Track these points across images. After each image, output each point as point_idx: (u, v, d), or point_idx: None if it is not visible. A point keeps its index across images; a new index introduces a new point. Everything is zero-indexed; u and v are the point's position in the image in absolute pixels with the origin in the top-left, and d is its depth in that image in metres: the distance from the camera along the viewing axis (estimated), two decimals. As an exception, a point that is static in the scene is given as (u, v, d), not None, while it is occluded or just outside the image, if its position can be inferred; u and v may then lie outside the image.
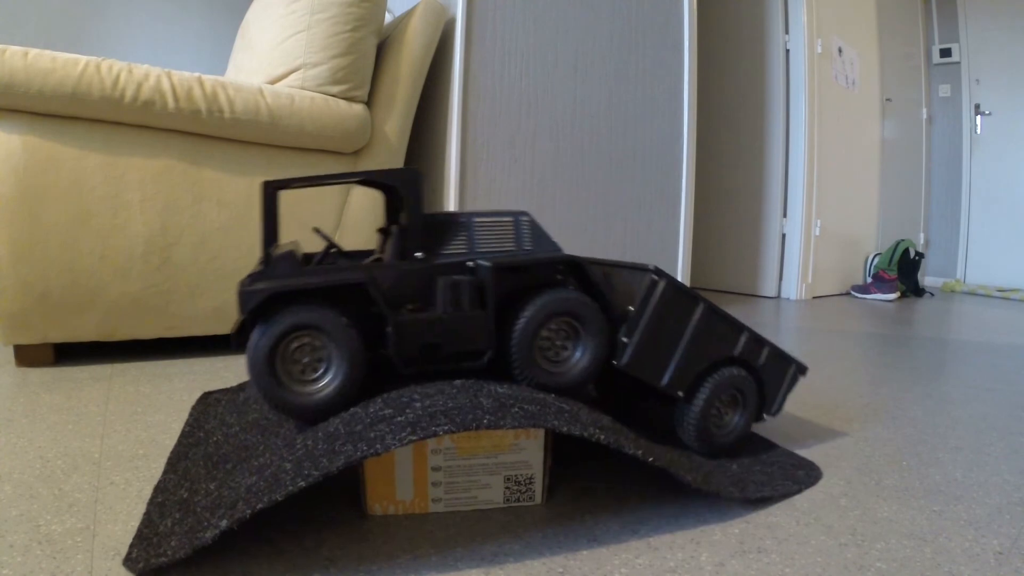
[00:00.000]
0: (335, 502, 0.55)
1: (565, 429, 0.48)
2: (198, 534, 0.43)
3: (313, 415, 0.51)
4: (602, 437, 0.49)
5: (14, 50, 0.93)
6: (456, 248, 0.55)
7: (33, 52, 0.94)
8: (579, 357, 0.56)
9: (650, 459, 0.51)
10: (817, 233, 2.47)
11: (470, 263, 0.55)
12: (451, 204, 1.38)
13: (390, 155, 1.28)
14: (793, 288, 2.42)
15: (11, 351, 1.13)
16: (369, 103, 1.28)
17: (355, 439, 0.46)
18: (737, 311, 2.01)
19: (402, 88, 1.28)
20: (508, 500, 0.55)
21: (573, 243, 1.59)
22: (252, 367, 0.49)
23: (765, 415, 0.67)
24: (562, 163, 1.56)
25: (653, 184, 1.78)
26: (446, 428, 0.46)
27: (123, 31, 1.99)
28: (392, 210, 0.63)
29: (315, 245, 1.20)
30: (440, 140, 1.43)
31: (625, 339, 0.57)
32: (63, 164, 0.97)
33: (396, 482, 0.52)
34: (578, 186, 1.60)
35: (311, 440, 0.49)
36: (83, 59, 0.96)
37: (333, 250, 0.61)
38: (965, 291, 3.00)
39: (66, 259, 0.98)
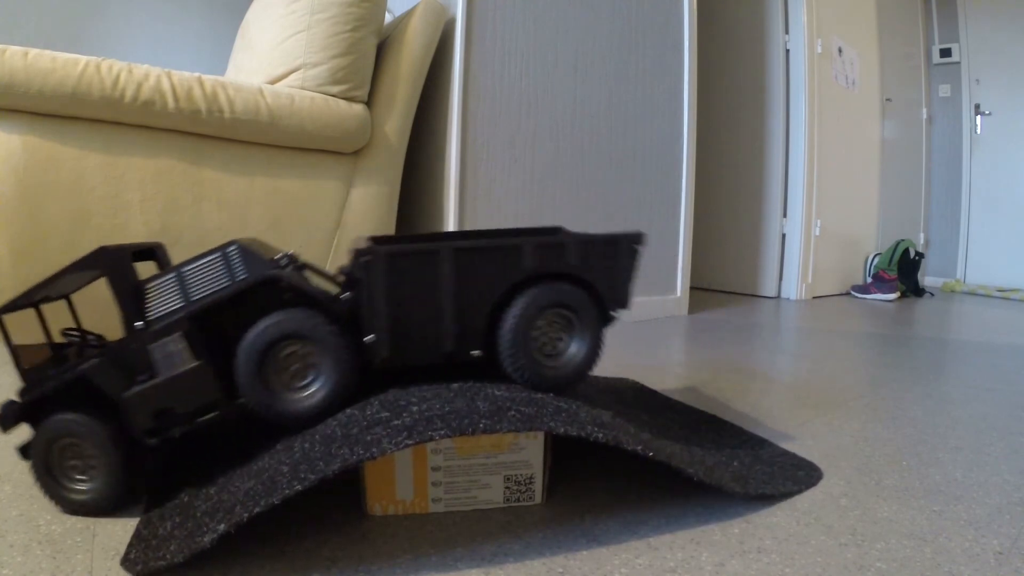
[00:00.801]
0: (336, 502, 0.55)
1: (562, 430, 0.48)
2: (196, 539, 0.43)
3: (87, 512, 0.52)
4: (600, 436, 0.49)
5: (14, 50, 0.93)
6: (171, 306, 0.52)
7: (33, 52, 0.94)
8: (318, 377, 0.52)
9: (650, 454, 0.51)
10: (817, 233, 2.47)
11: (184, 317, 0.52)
12: (451, 204, 1.38)
13: (390, 155, 1.28)
14: (793, 288, 2.42)
15: (11, 351, 1.13)
16: (369, 103, 1.28)
17: (351, 442, 0.46)
18: (737, 311, 2.01)
19: (402, 88, 1.28)
20: (508, 500, 0.55)
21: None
22: (34, 478, 0.51)
23: (614, 314, 0.58)
24: (562, 163, 1.56)
25: (653, 184, 1.78)
26: (442, 432, 0.46)
27: (123, 31, 1.99)
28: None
29: (313, 247, 1.20)
30: (440, 140, 1.42)
31: (369, 338, 0.53)
32: (63, 164, 0.97)
33: (396, 482, 0.52)
34: (578, 186, 1.60)
35: (308, 443, 0.49)
36: (83, 59, 0.96)
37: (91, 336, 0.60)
38: (965, 291, 3.00)
39: (66, 259, 0.98)
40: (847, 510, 0.56)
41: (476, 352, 0.55)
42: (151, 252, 0.61)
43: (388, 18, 1.65)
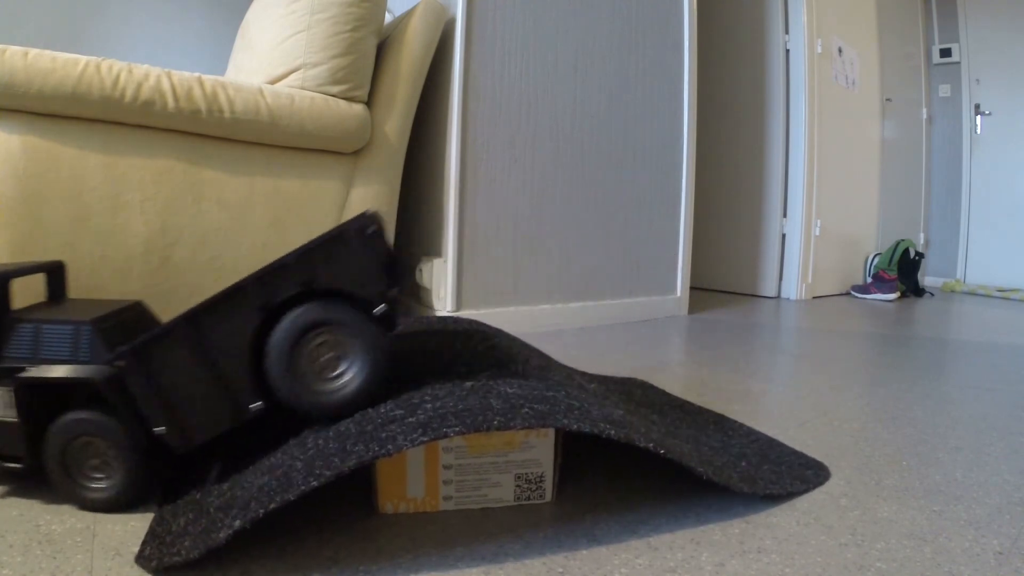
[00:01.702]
0: (341, 501, 0.55)
1: (575, 427, 0.48)
2: (212, 535, 0.43)
3: None
4: (612, 433, 0.49)
5: (14, 50, 0.93)
6: (21, 353, 0.55)
7: (33, 52, 0.94)
8: (112, 474, 0.52)
9: (661, 451, 0.51)
10: (817, 233, 2.47)
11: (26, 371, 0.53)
12: (451, 204, 1.38)
13: (390, 155, 1.28)
14: (793, 288, 2.42)
15: (11, 351, 1.13)
16: (369, 103, 1.27)
17: (367, 439, 0.46)
18: (737, 311, 2.01)
19: (402, 88, 1.28)
20: (519, 498, 0.55)
21: (574, 243, 1.59)
22: None
23: (381, 309, 0.53)
24: (562, 163, 1.56)
25: (653, 184, 1.78)
26: (457, 429, 0.46)
27: (123, 31, 1.99)
28: (50, 295, 0.66)
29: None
30: (440, 140, 1.42)
31: (159, 430, 0.52)
32: (63, 164, 0.97)
33: (407, 480, 0.52)
34: (578, 186, 1.60)
35: (322, 439, 0.49)
36: (83, 59, 0.96)
37: None
38: (965, 291, 3.00)
39: (66, 259, 0.98)
40: (847, 510, 0.56)
41: (255, 405, 0.53)
42: (46, 270, 0.64)
43: (388, 18, 1.66)
